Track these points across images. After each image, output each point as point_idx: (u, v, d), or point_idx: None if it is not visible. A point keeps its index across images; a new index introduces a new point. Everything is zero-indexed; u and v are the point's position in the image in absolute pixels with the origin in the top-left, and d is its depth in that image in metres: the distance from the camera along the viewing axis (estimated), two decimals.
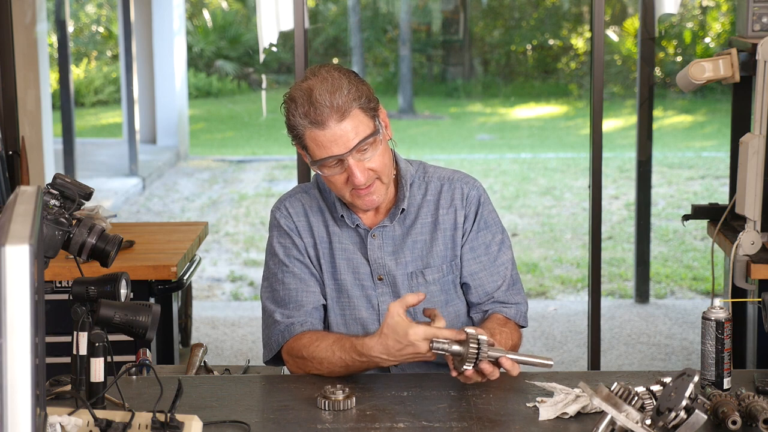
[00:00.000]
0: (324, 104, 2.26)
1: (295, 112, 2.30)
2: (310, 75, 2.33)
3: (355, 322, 2.45)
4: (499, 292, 2.48)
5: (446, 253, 2.46)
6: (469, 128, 12.91)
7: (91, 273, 2.26)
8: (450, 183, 2.50)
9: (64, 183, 2.14)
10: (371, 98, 2.33)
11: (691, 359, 5.19)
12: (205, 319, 5.93)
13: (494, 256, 2.49)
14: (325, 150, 2.29)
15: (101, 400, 2.08)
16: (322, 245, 2.46)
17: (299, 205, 2.49)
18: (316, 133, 2.28)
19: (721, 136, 11.95)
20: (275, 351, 2.42)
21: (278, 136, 12.72)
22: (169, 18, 11.16)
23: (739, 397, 2.06)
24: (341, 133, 2.28)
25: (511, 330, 2.43)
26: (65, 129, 8.57)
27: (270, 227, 2.52)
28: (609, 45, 12.52)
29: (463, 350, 2.12)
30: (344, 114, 2.27)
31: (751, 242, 3.23)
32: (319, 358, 2.30)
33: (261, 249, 7.87)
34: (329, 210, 2.48)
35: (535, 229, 8.30)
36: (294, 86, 2.34)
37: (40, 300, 1.58)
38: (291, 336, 2.39)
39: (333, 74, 2.30)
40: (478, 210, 2.49)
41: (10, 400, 1.35)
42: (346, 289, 2.45)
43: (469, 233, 2.48)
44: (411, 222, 2.47)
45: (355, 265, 2.45)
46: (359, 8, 13.18)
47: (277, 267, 2.47)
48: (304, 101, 2.28)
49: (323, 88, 2.27)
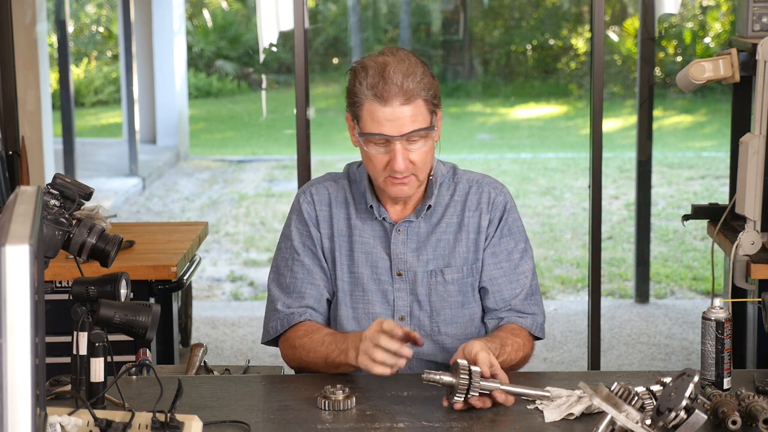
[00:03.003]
0: (395, 82, 2.27)
1: (363, 81, 2.30)
2: (387, 52, 2.34)
3: (367, 316, 2.44)
4: (517, 300, 2.47)
5: (468, 255, 2.46)
6: (469, 128, 12.90)
7: (91, 273, 2.25)
8: (478, 186, 2.49)
9: (64, 183, 2.14)
10: (437, 95, 2.35)
11: (691, 359, 5.19)
12: (205, 319, 5.93)
13: (515, 263, 2.48)
14: (378, 126, 2.30)
15: (101, 400, 2.08)
16: (340, 237, 2.46)
17: (325, 193, 2.49)
18: (376, 107, 2.29)
19: (721, 136, 11.95)
20: (271, 337, 2.47)
21: (278, 136, 12.72)
22: (169, 18, 11.16)
23: (739, 397, 2.06)
24: (400, 116, 2.29)
25: (524, 341, 2.42)
26: (65, 129, 8.56)
27: (291, 209, 2.52)
28: (609, 45, 12.52)
29: (454, 381, 2.08)
30: (410, 99, 2.29)
31: (751, 242, 3.23)
32: (308, 348, 2.35)
33: (261, 249, 7.88)
34: (355, 202, 2.47)
35: (535, 229, 8.30)
36: (368, 57, 2.35)
37: (40, 300, 1.58)
38: (289, 325, 2.42)
39: (411, 59, 2.33)
40: (503, 216, 2.48)
41: (10, 400, 1.35)
42: (362, 283, 2.45)
43: (491, 238, 2.47)
44: (437, 220, 2.47)
45: (374, 259, 2.45)
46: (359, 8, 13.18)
47: (288, 252, 2.48)
48: (376, 73, 2.29)
49: (399, 67, 2.29)
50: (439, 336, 2.44)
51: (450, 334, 2.44)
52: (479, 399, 2.11)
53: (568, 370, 4.77)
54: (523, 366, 2.45)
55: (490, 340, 2.31)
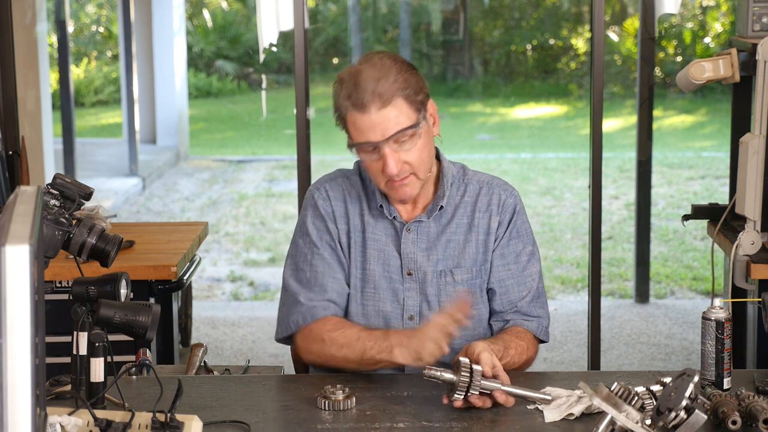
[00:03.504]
0: (367, 89, 2.27)
1: (340, 93, 2.31)
2: (363, 60, 2.35)
3: (377, 314, 2.44)
4: (523, 302, 2.47)
5: (477, 257, 2.46)
6: (469, 128, 12.90)
7: (91, 273, 2.25)
8: (489, 187, 2.49)
9: (64, 183, 2.14)
10: (419, 90, 2.33)
11: (691, 359, 5.19)
12: (205, 319, 5.93)
13: (523, 266, 2.48)
14: (362, 134, 2.30)
15: (101, 400, 2.08)
16: (355, 234, 2.46)
17: (339, 189, 2.48)
18: (356, 116, 2.29)
19: (721, 136, 11.95)
20: (292, 331, 2.42)
21: (278, 136, 12.72)
22: (169, 18, 11.16)
23: (739, 397, 2.06)
24: (380, 120, 2.28)
25: (528, 344, 2.42)
26: (65, 129, 8.57)
27: (305, 206, 2.51)
28: (609, 45, 12.52)
29: (455, 379, 2.09)
30: (386, 102, 2.28)
31: (751, 242, 3.23)
32: (341, 343, 2.31)
33: (261, 249, 7.88)
34: (367, 199, 2.47)
35: (535, 229, 8.26)
36: (346, 69, 2.35)
37: (40, 300, 1.58)
38: (313, 320, 2.39)
39: (384, 62, 2.32)
40: (512, 218, 2.48)
41: (10, 400, 1.35)
42: (373, 280, 2.44)
43: (500, 240, 2.47)
44: (447, 221, 2.47)
45: (386, 257, 2.44)
46: (359, 8, 13.18)
47: (307, 247, 2.46)
48: (350, 83, 2.29)
49: (370, 73, 2.29)
50: None
51: (457, 334, 2.44)
52: (479, 398, 2.11)
53: (568, 370, 4.77)
54: (527, 369, 2.44)
55: (494, 342, 2.32)
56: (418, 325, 2.43)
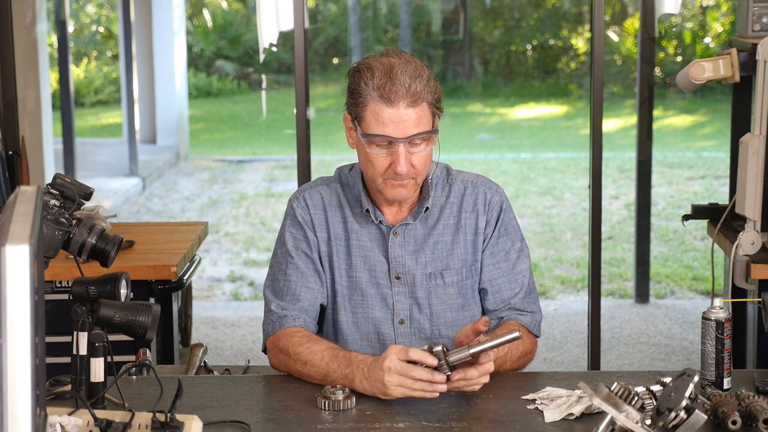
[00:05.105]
0: (403, 84, 2.26)
1: (369, 81, 2.28)
2: (392, 54, 2.33)
3: (367, 321, 2.43)
4: (516, 299, 2.47)
5: (466, 258, 2.45)
6: (469, 128, 12.90)
7: (91, 273, 2.26)
8: (474, 187, 2.49)
9: (64, 183, 2.14)
10: (440, 100, 2.34)
11: (691, 359, 5.19)
12: (205, 319, 5.93)
13: (513, 263, 2.48)
14: (382, 127, 2.29)
15: (101, 400, 2.08)
16: (337, 241, 2.45)
17: (319, 197, 2.47)
18: (382, 108, 2.28)
19: (721, 136, 11.95)
20: (263, 340, 2.43)
21: (278, 136, 12.72)
22: (169, 18, 11.16)
23: (739, 397, 2.06)
24: (405, 118, 2.28)
25: (523, 337, 2.42)
26: (65, 129, 8.57)
27: (285, 215, 2.50)
28: (609, 45, 12.52)
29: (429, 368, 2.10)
30: (416, 102, 2.27)
31: (751, 242, 3.23)
32: (304, 360, 2.27)
33: (261, 249, 7.87)
34: (350, 206, 2.46)
35: (535, 229, 8.30)
36: (371, 58, 2.33)
37: (40, 300, 1.58)
38: (281, 327, 2.37)
39: (416, 61, 2.32)
40: (499, 216, 2.48)
41: (10, 400, 1.35)
42: (360, 287, 2.43)
43: (489, 239, 2.47)
44: (433, 222, 2.46)
45: (372, 263, 2.43)
46: (359, 8, 13.18)
47: (282, 257, 2.45)
48: (383, 74, 2.28)
49: (406, 69, 2.28)
50: (439, 339, 2.44)
51: (450, 337, 2.43)
52: (459, 372, 2.10)
53: (568, 370, 4.77)
54: (527, 364, 2.44)
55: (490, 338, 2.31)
56: (408, 329, 2.43)
